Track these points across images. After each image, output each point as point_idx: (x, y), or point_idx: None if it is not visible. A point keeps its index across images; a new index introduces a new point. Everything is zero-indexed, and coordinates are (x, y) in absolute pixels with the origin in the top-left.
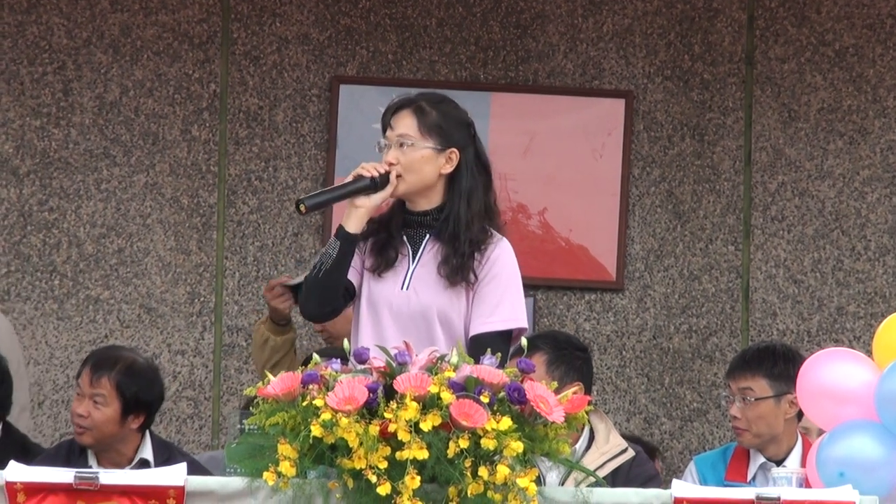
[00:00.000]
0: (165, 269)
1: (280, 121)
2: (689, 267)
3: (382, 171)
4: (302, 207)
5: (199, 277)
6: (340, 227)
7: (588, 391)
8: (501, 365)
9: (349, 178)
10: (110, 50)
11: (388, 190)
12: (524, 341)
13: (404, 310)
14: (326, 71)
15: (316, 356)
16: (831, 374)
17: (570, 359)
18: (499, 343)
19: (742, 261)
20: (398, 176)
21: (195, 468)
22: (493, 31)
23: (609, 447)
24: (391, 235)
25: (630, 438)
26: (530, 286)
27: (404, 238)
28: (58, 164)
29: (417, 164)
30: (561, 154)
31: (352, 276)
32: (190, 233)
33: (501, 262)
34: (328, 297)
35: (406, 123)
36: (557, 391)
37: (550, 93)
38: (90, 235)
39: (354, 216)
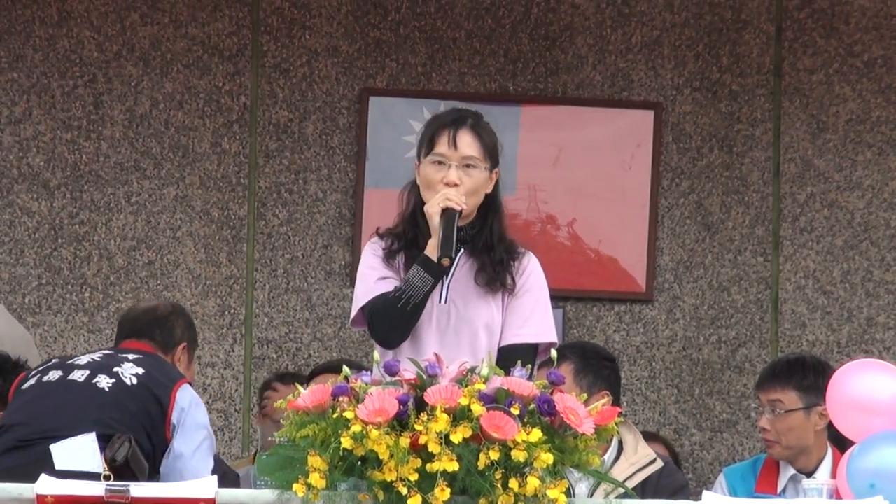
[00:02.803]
0: (196, 281)
1: (310, 133)
2: (719, 278)
3: (463, 198)
4: (445, 261)
5: (229, 290)
6: (430, 260)
7: (616, 400)
8: (529, 377)
9: (437, 214)
10: (140, 63)
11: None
12: (553, 353)
13: (444, 322)
14: (356, 83)
15: (346, 368)
16: (861, 385)
17: (597, 368)
18: (528, 354)
19: (771, 272)
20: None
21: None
22: (522, 42)
23: (638, 458)
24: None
25: (654, 436)
26: (560, 297)
27: None
28: (88, 176)
29: (480, 186)
30: (590, 165)
31: (389, 287)
32: (220, 245)
33: (534, 277)
34: (412, 326)
35: (469, 143)
36: (586, 402)
37: (579, 104)
38: (121, 248)
39: None
